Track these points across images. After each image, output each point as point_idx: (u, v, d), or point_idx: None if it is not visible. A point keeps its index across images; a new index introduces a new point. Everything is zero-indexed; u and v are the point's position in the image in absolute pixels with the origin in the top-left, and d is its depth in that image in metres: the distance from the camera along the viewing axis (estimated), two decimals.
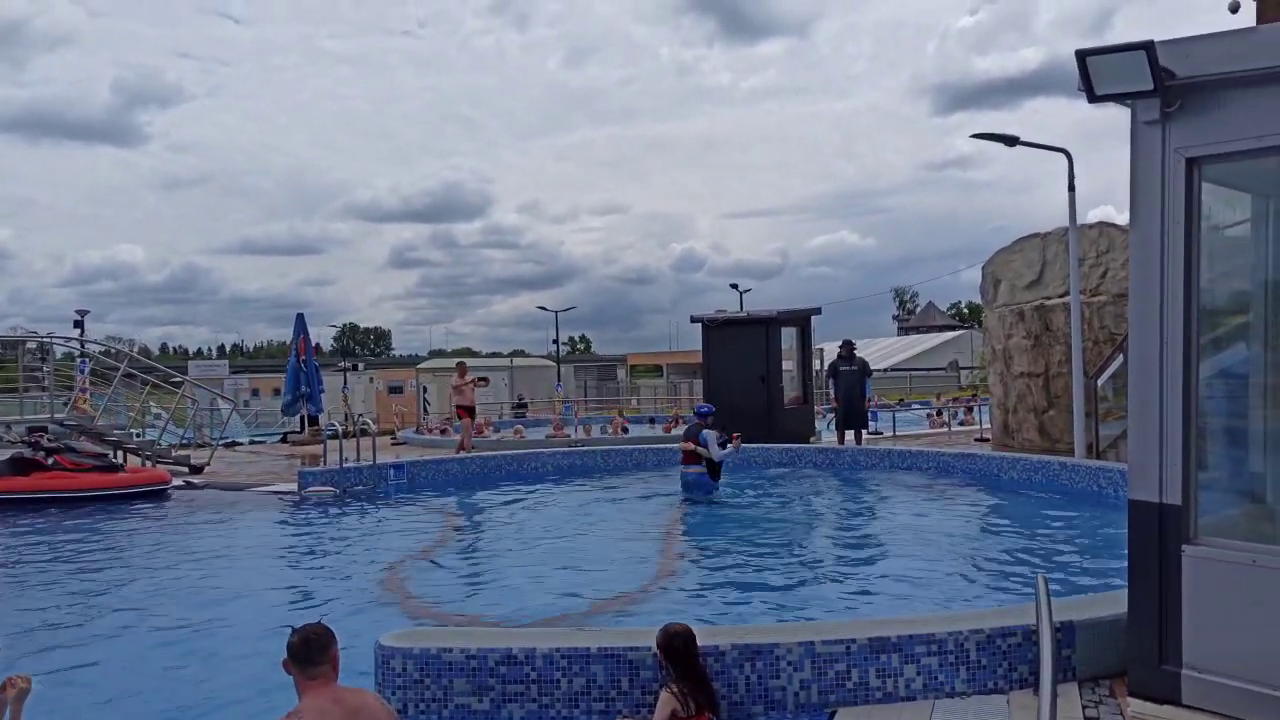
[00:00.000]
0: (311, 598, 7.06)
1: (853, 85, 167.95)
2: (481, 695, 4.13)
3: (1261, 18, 13.19)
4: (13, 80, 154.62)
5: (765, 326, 17.27)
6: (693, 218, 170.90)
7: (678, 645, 3.93)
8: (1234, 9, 13.16)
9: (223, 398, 21.17)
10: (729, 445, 11.03)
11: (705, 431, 10.99)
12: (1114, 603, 4.33)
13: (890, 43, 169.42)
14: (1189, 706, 3.69)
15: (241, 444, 22.56)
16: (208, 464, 15.77)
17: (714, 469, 11.03)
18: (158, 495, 12.68)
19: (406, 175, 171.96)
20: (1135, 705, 3.82)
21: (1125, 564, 4.13)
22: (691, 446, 11.04)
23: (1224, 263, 4.82)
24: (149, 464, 14.78)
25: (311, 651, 3.22)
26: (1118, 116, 4.23)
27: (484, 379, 20.53)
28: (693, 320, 18.61)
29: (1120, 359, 12.59)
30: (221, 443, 19.54)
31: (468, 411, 17.64)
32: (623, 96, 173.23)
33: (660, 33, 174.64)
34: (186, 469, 14.98)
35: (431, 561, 8.27)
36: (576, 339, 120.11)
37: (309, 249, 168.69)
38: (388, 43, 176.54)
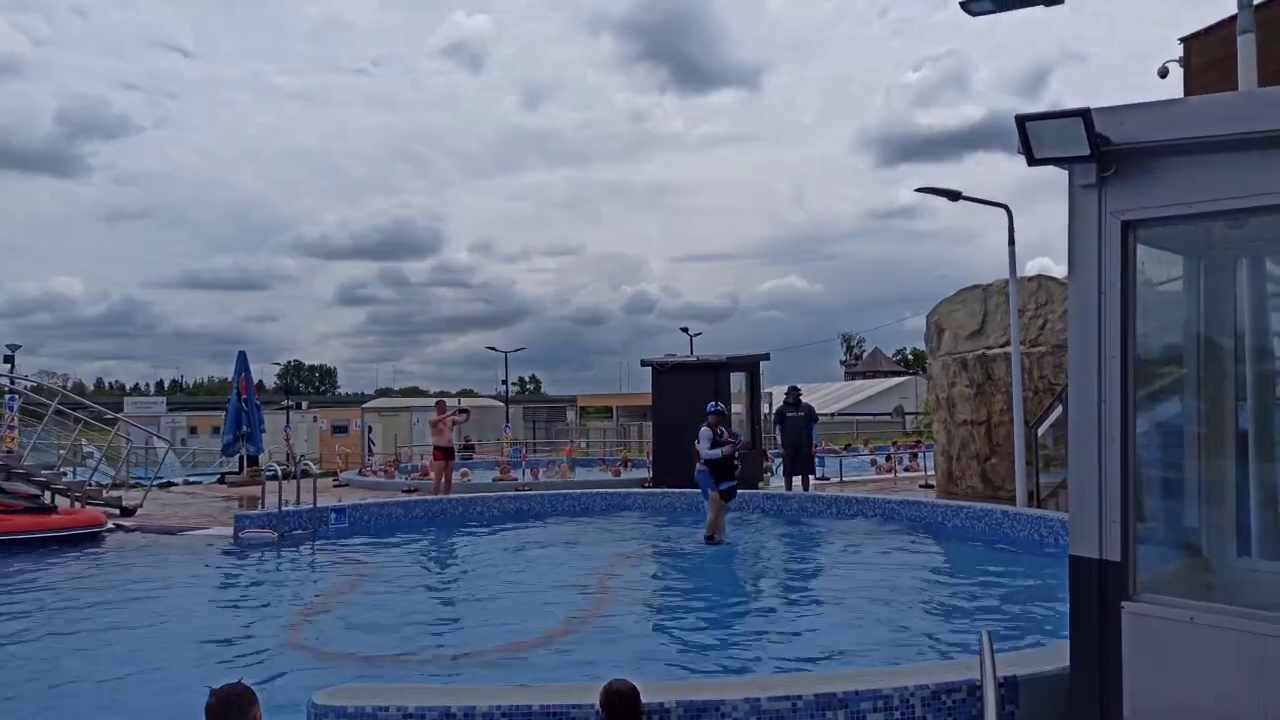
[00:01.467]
0: (241, 652, 6.78)
1: (802, 135, 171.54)
2: None
3: (1188, 83, 13.86)
4: None
5: (714, 371, 17.37)
6: (645, 260, 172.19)
7: (617, 703, 3.85)
8: (1163, 74, 13.83)
9: (158, 436, 20.56)
10: (723, 447, 11.08)
11: (702, 429, 11.20)
12: (1057, 657, 4.35)
13: (837, 96, 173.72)
14: None
15: (177, 484, 21.90)
16: (140, 506, 15.24)
17: (715, 468, 11.05)
18: (92, 539, 12.18)
19: (356, 212, 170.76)
20: None
21: (1067, 614, 4.16)
22: (696, 443, 11.33)
23: (1159, 320, 4.97)
24: (78, 505, 14.24)
25: (229, 713, 3.08)
26: (1055, 172, 4.35)
27: (464, 412, 19.25)
28: (643, 364, 18.67)
29: (1060, 409, 12.87)
30: (156, 483, 18.95)
31: (444, 453, 16.41)
32: (577, 140, 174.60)
33: (614, 80, 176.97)
34: (117, 511, 14.46)
35: (351, 607, 8.06)
36: (526, 379, 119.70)
37: (254, 284, 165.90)
38: (339, 80, 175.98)
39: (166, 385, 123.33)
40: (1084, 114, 3.87)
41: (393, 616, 7.72)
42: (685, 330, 43.91)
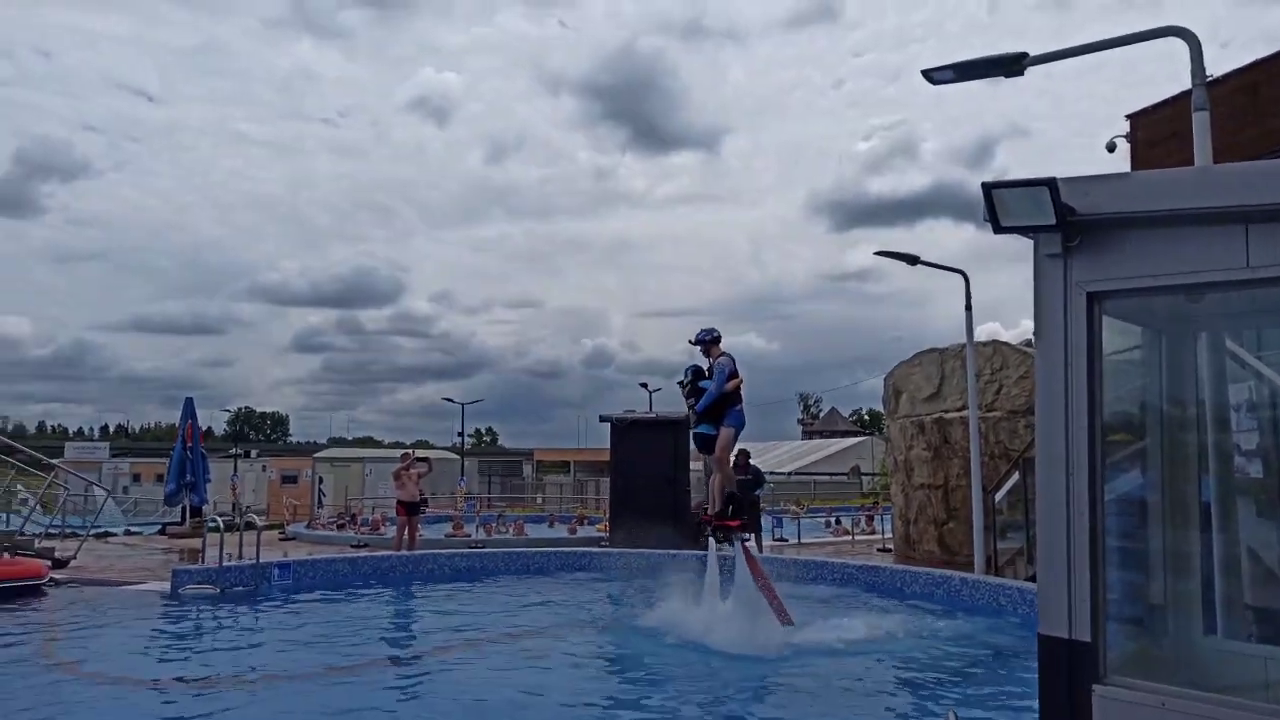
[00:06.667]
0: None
1: (760, 197, 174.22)
2: None
3: (1135, 158, 14.28)
4: None
5: (673, 428, 17.24)
6: (605, 315, 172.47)
7: None
8: (1110, 149, 14.21)
9: (96, 485, 19.81)
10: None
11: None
12: None
13: (793, 161, 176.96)
14: None
15: (116, 535, 21.11)
16: (73, 557, 14.60)
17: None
18: (32, 591, 11.47)
19: (317, 260, 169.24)
20: None
21: (1032, 687, 4.03)
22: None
23: (1123, 389, 4.96)
24: (7, 555, 13.57)
25: None
26: (1005, 240, 4.33)
27: (424, 460, 18.12)
28: (601, 420, 18.51)
29: (1016, 476, 12.93)
30: (93, 533, 18.23)
31: (405, 508, 15.62)
32: (540, 195, 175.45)
33: (577, 138, 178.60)
34: (49, 563, 13.80)
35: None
36: (483, 431, 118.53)
37: (208, 329, 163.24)
38: (306, 129, 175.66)
39: (111, 430, 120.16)
40: (1050, 183, 3.86)
41: None
42: (644, 385, 43.89)
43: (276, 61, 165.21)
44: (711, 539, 9.73)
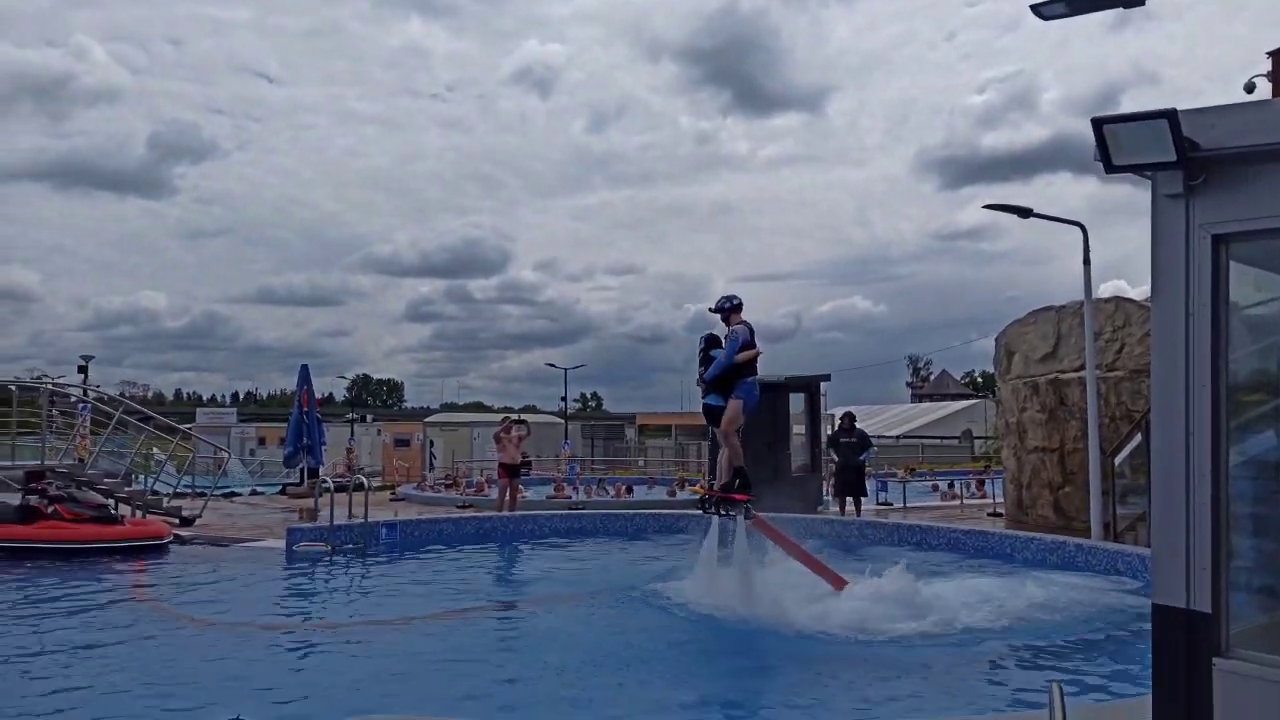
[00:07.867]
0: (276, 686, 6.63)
1: (866, 156, 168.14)
2: None
3: (1276, 96, 13.13)
4: (51, 133, 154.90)
5: (772, 392, 16.96)
6: (708, 279, 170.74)
7: None
8: (1249, 89, 13.12)
9: (219, 448, 20.88)
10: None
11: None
12: (1137, 712, 3.95)
13: (901, 118, 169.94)
14: None
15: (241, 494, 22.29)
16: (199, 515, 15.45)
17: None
18: (157, 550, 12.21)
19: (427, 231, 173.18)
20: None
21: (1147, 661, 3.76)
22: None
23: (1253, 343, 4.54)
24: (139, 514, 14.47)
25: None
26: (1129, 191, 4.01)
27: (522, 424, 17.90)
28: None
29: (1139, 438, 12.22)
30: (220, 492, 19.25)
31: (507, 470, 16.11)
32: (642, 161, 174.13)
33: (678, 103, 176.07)
34: (177, 520, 14.66)
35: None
36: (588, 395, 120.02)
37: (327, 300, 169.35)
38: (415, 104, 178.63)
39: (241, 397, 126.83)
40: (1170, 115, 3.50)
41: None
42: None
43: (386, 41, 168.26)
44: (715, 515, 9.11)
